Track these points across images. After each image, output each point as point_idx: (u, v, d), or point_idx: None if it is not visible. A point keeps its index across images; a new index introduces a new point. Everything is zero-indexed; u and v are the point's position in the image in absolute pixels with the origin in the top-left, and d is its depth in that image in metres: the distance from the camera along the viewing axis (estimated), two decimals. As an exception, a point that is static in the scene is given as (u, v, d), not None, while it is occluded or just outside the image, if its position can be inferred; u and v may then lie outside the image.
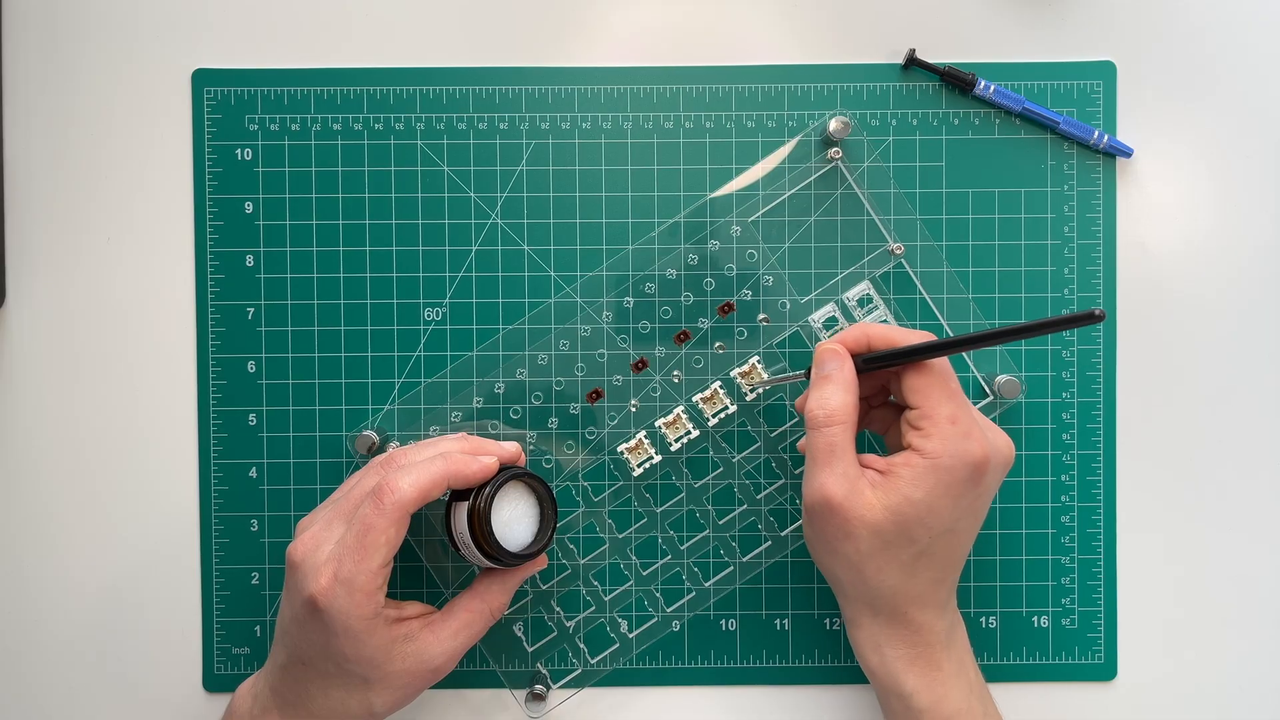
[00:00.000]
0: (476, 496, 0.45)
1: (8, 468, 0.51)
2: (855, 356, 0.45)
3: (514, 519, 0.46)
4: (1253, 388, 0.52)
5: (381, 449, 0.50)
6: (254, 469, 0.51)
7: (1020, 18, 0.52)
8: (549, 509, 0.47)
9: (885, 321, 0.51)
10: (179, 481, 0.51)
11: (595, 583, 0.51)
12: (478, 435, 0.50)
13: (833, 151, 0.50)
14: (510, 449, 0.47)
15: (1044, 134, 0.51)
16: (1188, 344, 0.52)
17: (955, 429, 0.42)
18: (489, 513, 0.45)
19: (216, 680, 0.51)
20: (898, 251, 0.50)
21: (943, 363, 0.44)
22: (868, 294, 0.51)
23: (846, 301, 0.51)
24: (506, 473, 0.45)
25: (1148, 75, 0.52)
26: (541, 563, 0.49)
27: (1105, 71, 0.51)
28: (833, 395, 0.44)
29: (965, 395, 0.44)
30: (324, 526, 0.44)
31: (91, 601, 0.51)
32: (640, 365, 0.51)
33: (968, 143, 0.51)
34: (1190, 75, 0.52)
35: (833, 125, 0.49)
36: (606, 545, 0.51)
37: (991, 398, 0.51)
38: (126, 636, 0.51)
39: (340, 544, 0.43)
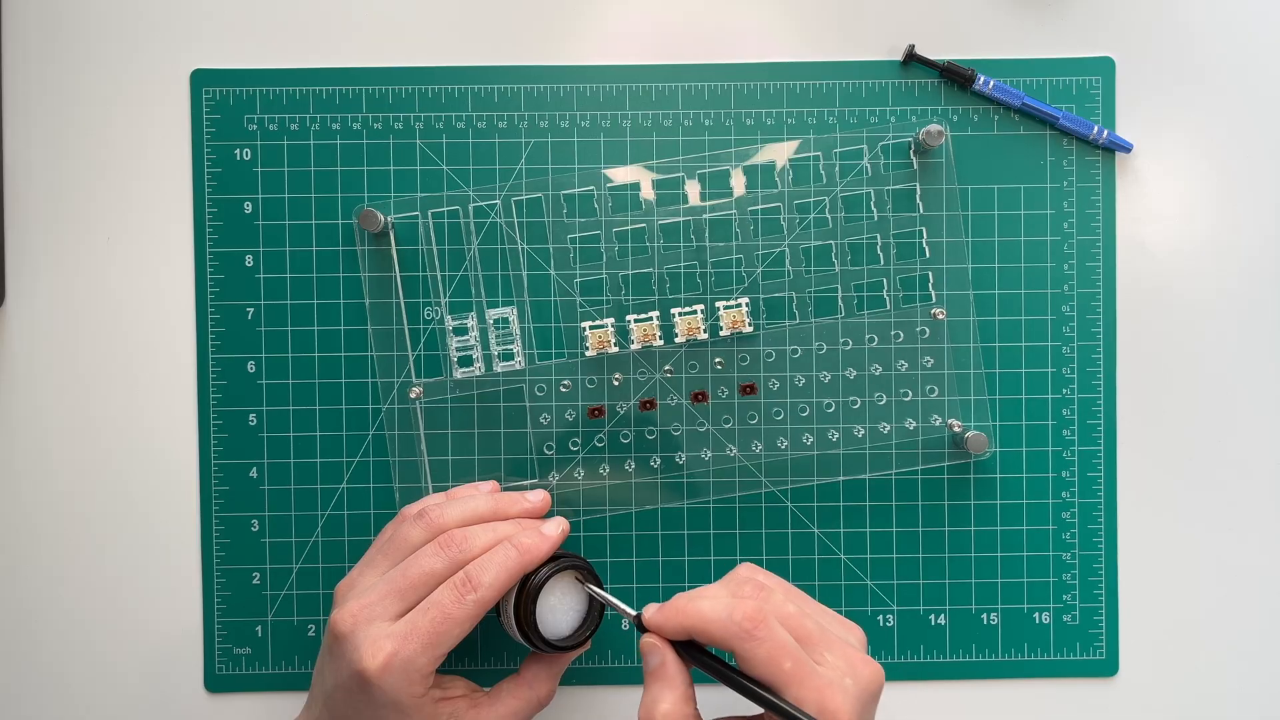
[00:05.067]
0: (526, 581, 0.44)
1: (7, 467, 0.51)
2: (678, 644, 0.42)
3: (560, 607, 0.45)
4: (1253, 382, 0.52)
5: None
6: (254, 469, 0.51)
7: (1019, 14, 0.52)
8: (596, 604, 0.46)
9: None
10: (179, 481, 0.51)
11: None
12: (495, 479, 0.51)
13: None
14: (538, 501, 0.47)
15: (1043, 130, 0.51)
16: (1187, 339, 0.52)
17: (810, 706, 0.39)
18: (535, 600, 0.44)
19: (218, 680, 0.51)
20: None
21: (772, 641, 0.39)
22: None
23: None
24: (562, 562, 0.45)
25: (1147, 71, 0.52)
26: (585, 646, 0.47)
27: (1104, 67, 0.51)
28: (660, 699, 0.41)
29: (806, 649, 0.40)
30: (378, 600, 0.43)
31: (92, 601, 0.51)
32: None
33: (967, 139, 0.51)
34: (1190, 71, 0.52)
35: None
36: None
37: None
38: (127, 636, 0.51)
39: (409, 624, 0.42)
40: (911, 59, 0.51)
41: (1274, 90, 0.52)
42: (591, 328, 0.50)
